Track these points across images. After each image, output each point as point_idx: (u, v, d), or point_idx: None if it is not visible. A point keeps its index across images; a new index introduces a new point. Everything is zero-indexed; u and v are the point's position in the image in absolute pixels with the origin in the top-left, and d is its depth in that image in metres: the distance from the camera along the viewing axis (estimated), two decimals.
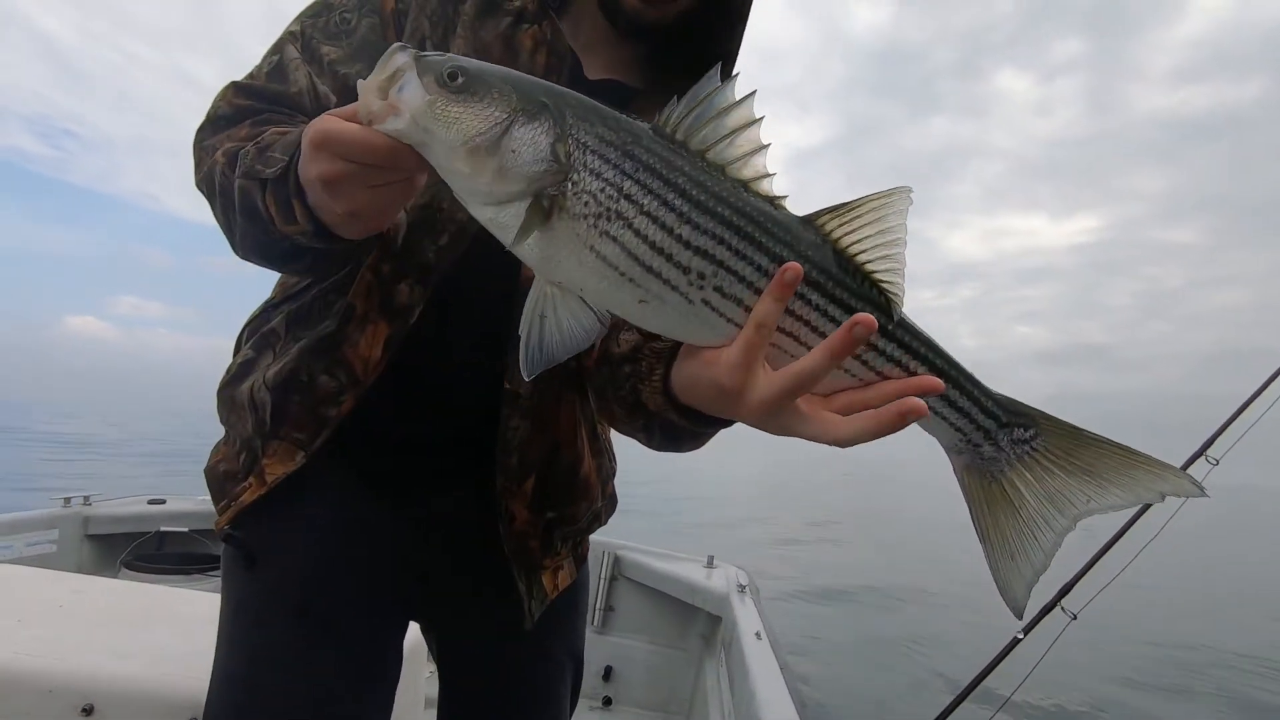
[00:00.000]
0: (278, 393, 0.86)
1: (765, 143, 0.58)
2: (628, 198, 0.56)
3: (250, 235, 0.76)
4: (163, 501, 3.07)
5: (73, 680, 1.06)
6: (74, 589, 1.43)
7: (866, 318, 0.54)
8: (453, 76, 0.55)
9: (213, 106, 0.84)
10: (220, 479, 0.91)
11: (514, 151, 0.55)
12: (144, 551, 2.81)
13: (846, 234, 0.59)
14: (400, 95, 0.55)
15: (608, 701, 2.52)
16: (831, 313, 0.58)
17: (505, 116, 0.55)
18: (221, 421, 0.94)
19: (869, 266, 0.60)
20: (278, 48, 0.87)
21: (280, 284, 0.96)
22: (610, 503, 1.05)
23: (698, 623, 2.45)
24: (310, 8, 0.90)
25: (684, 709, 2.47)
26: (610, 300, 0.59)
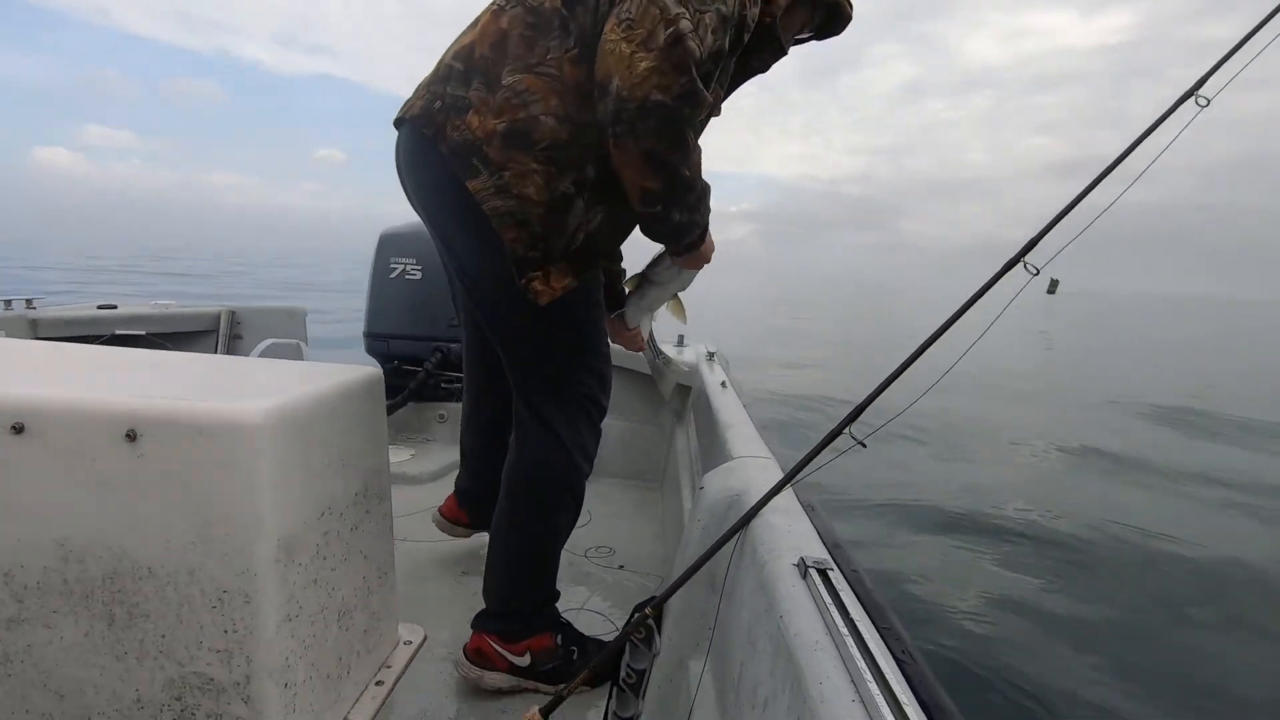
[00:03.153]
0: (586, 243, 1.17)
1: None
2: None
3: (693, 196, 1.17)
4: (114, 307, 2.93)
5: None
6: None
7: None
8: None
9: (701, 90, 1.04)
10: (515, 255, 1.14)
11: None
12: None
13: None
14: None
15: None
16: None
17: None
18: (517, 194, 1.11)
19: None
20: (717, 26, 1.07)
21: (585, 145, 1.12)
22: None
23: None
24: (726, 13, 1.08)
25: (658, 475, 2.54)
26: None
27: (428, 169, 1.17)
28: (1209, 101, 0.86)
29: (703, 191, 1.15)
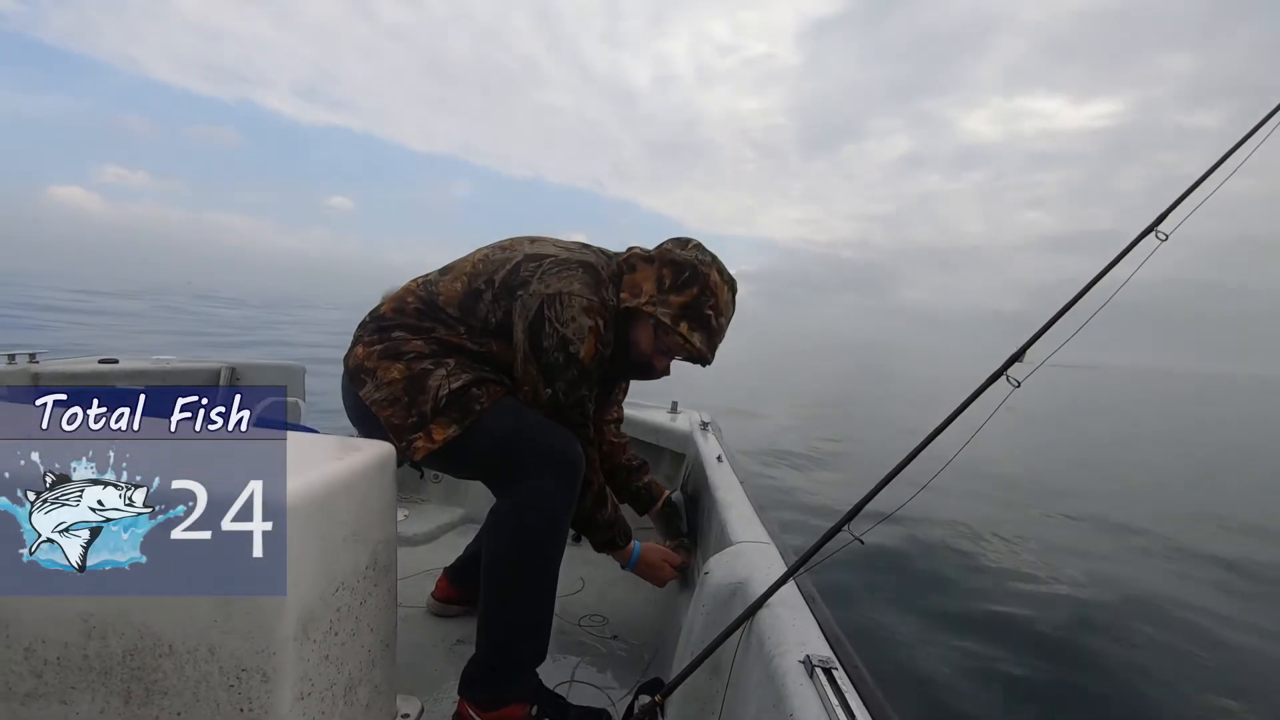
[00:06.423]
0: (454, 398, 1.37)
1: None
2: None
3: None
4: (115, 361, 2.91)
5: None
6: None
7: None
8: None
9: (585, 405, 1.45)
10: (393, 426, 1.38)
11: None
12: None
13: None
14: None
15: (576, 537, 2.60)
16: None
17: None
18: (384, 382, 1.40)
19: None
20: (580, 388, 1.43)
21: (457, 331, 1.45)
22: None
23: (662, 463, 2.49)
24: (579, 377, 1.41)
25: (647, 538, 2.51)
26: None
27: (345, 392, 1.49)
28: (1167, 236, 0.96)
29: (602, 491, 1.59)
